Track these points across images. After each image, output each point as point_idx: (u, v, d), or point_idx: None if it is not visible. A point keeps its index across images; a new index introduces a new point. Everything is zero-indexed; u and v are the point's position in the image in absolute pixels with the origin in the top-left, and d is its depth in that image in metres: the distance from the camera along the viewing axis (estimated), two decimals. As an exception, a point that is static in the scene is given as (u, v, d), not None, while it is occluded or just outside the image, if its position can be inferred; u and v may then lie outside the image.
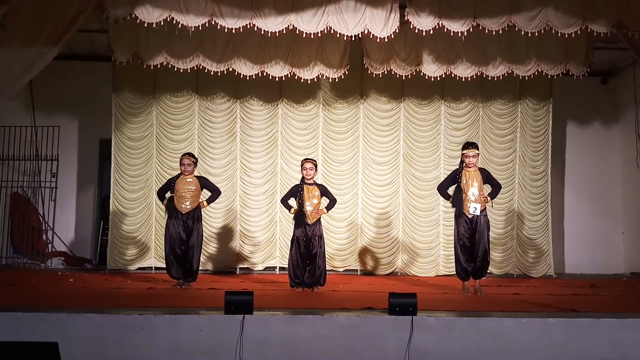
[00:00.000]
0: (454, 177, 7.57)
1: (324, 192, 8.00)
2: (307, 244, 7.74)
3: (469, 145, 7.63)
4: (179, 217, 7.86)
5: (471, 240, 7.45)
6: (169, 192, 8.00)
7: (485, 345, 5.45)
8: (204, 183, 8.11)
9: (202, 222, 8.15)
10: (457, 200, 7.49)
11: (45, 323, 5.13)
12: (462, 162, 7.54)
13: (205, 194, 8.17)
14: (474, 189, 7.39)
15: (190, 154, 8.14)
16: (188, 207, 7.85)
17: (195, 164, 8.06)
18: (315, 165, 8.00)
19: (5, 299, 6.34)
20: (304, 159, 8.04)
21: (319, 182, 8.54)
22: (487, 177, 7.62)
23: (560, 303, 6.69)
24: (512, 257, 10.21)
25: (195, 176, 8.03)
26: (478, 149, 7.63)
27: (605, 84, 11.33)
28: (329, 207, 8.01)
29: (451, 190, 7.63)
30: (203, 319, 5.39)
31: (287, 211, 8.05)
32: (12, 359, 4.10)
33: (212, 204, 9.77)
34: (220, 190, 8.35)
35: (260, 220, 10.18)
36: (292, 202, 7.90)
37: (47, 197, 10.59)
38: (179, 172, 8.00)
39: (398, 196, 10.24)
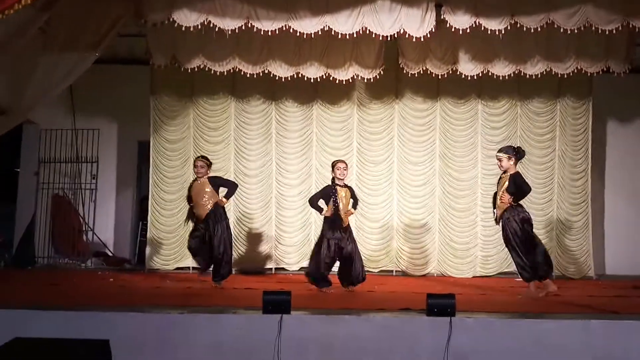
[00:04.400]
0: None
1: (352, 192, 8.04)
2: (342, 246, 7.73)
3: (499, 149, 7.62)
4: (199, 222, 7.98)
5: (507, 244, 7.45)
6: None
7: (526, 347, 5.39)
8: (216, 182, 8.17)
9: (226, 221, 8.12)
10: (494, 204, 7.57)
11: (89, 322, 5.25)
12: None
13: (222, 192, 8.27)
14: (497, 195, 7.43)
15: (203, 157, 8.29)
16: (206, 210, 7.93)
17: (209, 166, 8.16)
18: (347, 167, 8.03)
19: (49, 298, 6.50)
20: (337, 160, 8.04)
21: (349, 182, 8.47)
22: (512, 181, 7.31)
23: (601, 305, 6.58)
24: (552, 258, 10.00)
25: (207, 177, 8.11)
26: (509, 152, 7.40)
27: (647, 81, 11.06)
28: (354, 207, 8.05)
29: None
30: (241, 318, 5.46)
31: (318, 213, 8.01)
32: (64, 355, 4.21)
33: (247, 205, 10.05)
34: (237, 184, 8.44)
35: (295, 221, 10.21)
36: (321, 203, 7.90)
37: (87, 198, 10.80)
38: (195, 177, 8.14)
39: (434, 196, 10.16)
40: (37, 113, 9.18)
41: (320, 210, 7.89)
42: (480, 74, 9.34)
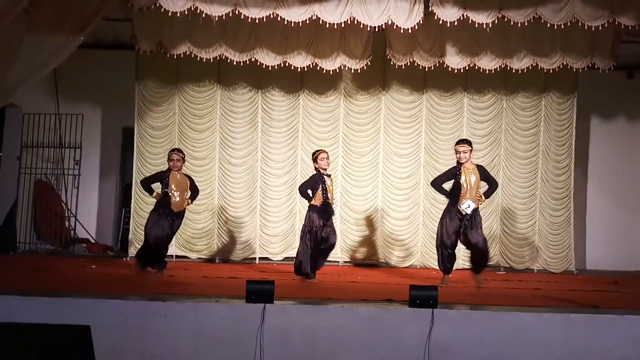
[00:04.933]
0: (453, 174, 7.65)
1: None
2: (327, 237, 7.82)
3: (460, 141, 7.82)
4: (167, 213, 7.89)
5: (459, 237, 7.56)
6: (158, 185, 8.05)
7: (506, 340, 5.45)
8: (191, 183, 8.16)
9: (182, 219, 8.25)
10: (453, 196, 7.56)
11: (71, 308, 5.21)
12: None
13: None
14: (469, 187, 7.45)
15: (179, 150, 8.27)
16: (181, 205, 7.95)
17: (183, 160, 8.17)
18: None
19: (31, 283, 6.45)
20: (320, 150, 8.09)
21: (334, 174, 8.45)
22: (483, 175, 7.65)
23: (582, 299, 6.65)
24: (533, 251, 10.12)
25: (184, 174, 8.13)
26: (471, 146, 7.66)
27: (631, 78, 11.12)
28: None
29: (447, 186, 7.74)
30: (224, 307, 5.45)
31: (307, 201, 8.01)
32: (45, 340, 4.18)
33: (231, 194, 10.07)
34: (199, 191, 8.43)
35: (280, 211, 10.20)
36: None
37: (70, 184, 10.68)
38: (168, 168, 8.09)
39: (419, 188, 10.19)
40: (20, 96, 9.04)
41: (309, 198, 7.90)
42: (467, 67, 9.36)
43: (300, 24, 8.26)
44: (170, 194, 7.89)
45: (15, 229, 10.35)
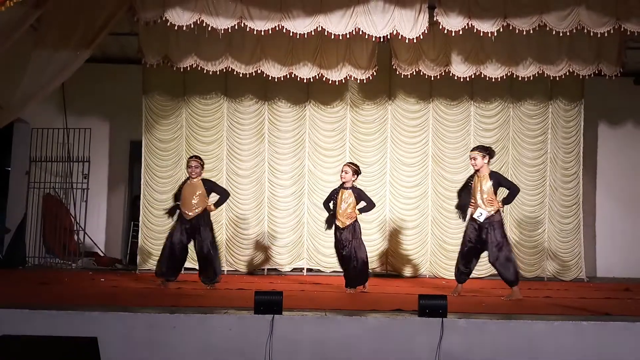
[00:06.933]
0: (467, 182, 7.58)
1: (360, 196, 7.92)
2: (340, 247, 7.88)
3: (473, 148, 7.69)
4: (184, 223, 7.73)
5: (475, 246, 7.41)
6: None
7: (517, 349, 5.39)
8: (210, 187, 7.91)
9: (210, 225, 7.85)
10: (467, 205, 7.48)
11: (78, 321, 5.21)
12: None
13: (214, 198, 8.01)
14: (480, 194, 7.30)
15: (197, 157, 8.02)
16: (196, 212, 7.71)
17: (202, 167, 7.92)
18: (353, 170, 7.89)
19: (39, 297, 6.46)
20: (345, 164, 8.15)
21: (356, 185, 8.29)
22: (498, 181, 7.38)
23: (593, 306, 6.59)
24: (543, 259, 10.07)
25: (201, 179, 7.87)
26: (483, 151, 7.39)
27: (638, 84, 11.11)
28: (363, 210, 7.95)
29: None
30: (233, 318, 5.42)
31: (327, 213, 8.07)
32: (53, 353, 4.17)
33: (239, 206, 10.03)
34: (229, 193, 8.19)
35: (287, 222, 10.20)
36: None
37: (78, 198, 10.74)
38: (187, 177, 7.92)
39: (427, 198, 10.17)
40: (28, 111, 9.12)
41: (329, 210, 7.99)
42: (473, 76, 9.35)
43: (306, 36, 8.28)
44: (182, 204, 7.74)
45: (25, 243, 10.38)
